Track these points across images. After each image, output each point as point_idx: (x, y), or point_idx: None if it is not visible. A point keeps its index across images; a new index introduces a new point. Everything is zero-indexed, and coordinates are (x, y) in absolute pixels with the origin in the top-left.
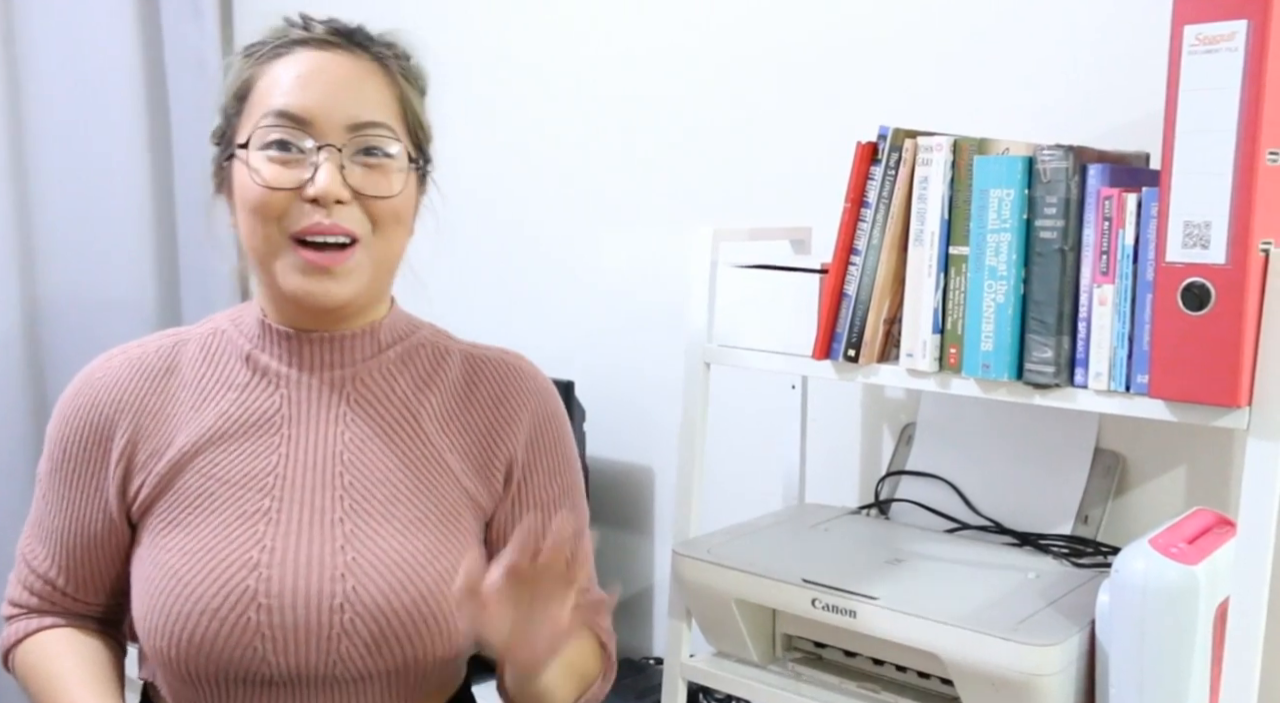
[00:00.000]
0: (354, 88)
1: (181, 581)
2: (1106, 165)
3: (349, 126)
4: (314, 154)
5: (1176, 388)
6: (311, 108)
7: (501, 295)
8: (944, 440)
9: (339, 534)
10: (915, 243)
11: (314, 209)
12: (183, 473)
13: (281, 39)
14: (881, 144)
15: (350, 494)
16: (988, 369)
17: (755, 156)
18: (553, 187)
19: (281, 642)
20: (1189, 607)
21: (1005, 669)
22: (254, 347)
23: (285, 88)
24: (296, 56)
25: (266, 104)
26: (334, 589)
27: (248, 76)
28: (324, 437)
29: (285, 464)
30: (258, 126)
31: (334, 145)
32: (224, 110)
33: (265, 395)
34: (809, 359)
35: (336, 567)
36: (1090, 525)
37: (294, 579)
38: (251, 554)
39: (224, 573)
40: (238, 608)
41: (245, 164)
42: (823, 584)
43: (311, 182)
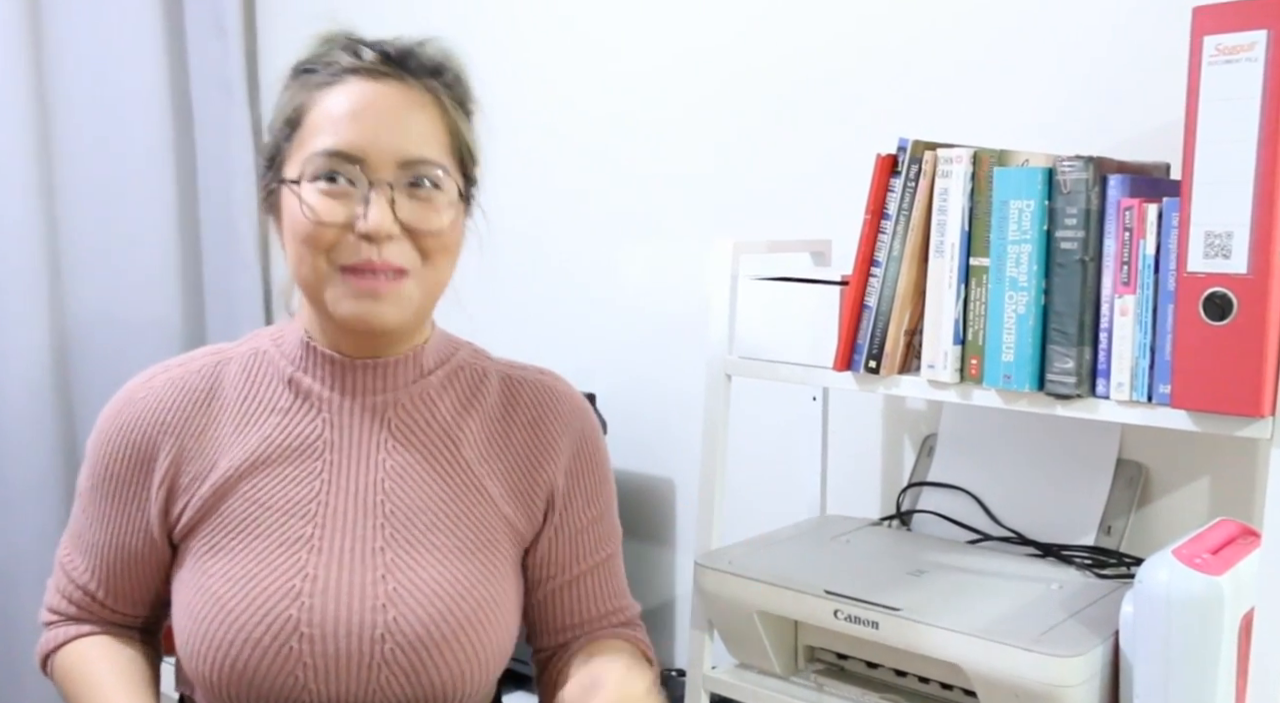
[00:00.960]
0: (405, 122)
1: (224, 607)
2: (1127, 176)
3: (400, 162)
4: (365, 188)
5: (1199, 398)
6: (363, 145)
7: (523, 308)
8: (965, 452)
9: (380, 563)
10: (936, 254)
11: (364, 244)
12: (227, 497)
13: (333, 67)
14: (901, 156)
15: (391, 523)
16: (1009, 380)
17: (775, 169)
18: (573, 200)
19: (322, 671)
20: (1213, 618)
21: (1029, 680)
22: (297, 369)
23: (337, 124)
24: (348, 87)
25: (318, 139)
26: (375, 620)
27: (300, 103)
28: (366, 464)
29: (327, 491)
30: (308, 160)
31: (385, 181)
32: (273, 131)
33: (308, 420)
34: (830, 371)
35: (378, 597)
36: (1113, 536)
37: (336, 609)
38: (294, 583)
39: (266, 601)
40: (280, 637)
41: (296, 195)
42: (845, 595)
43: (363, 217)
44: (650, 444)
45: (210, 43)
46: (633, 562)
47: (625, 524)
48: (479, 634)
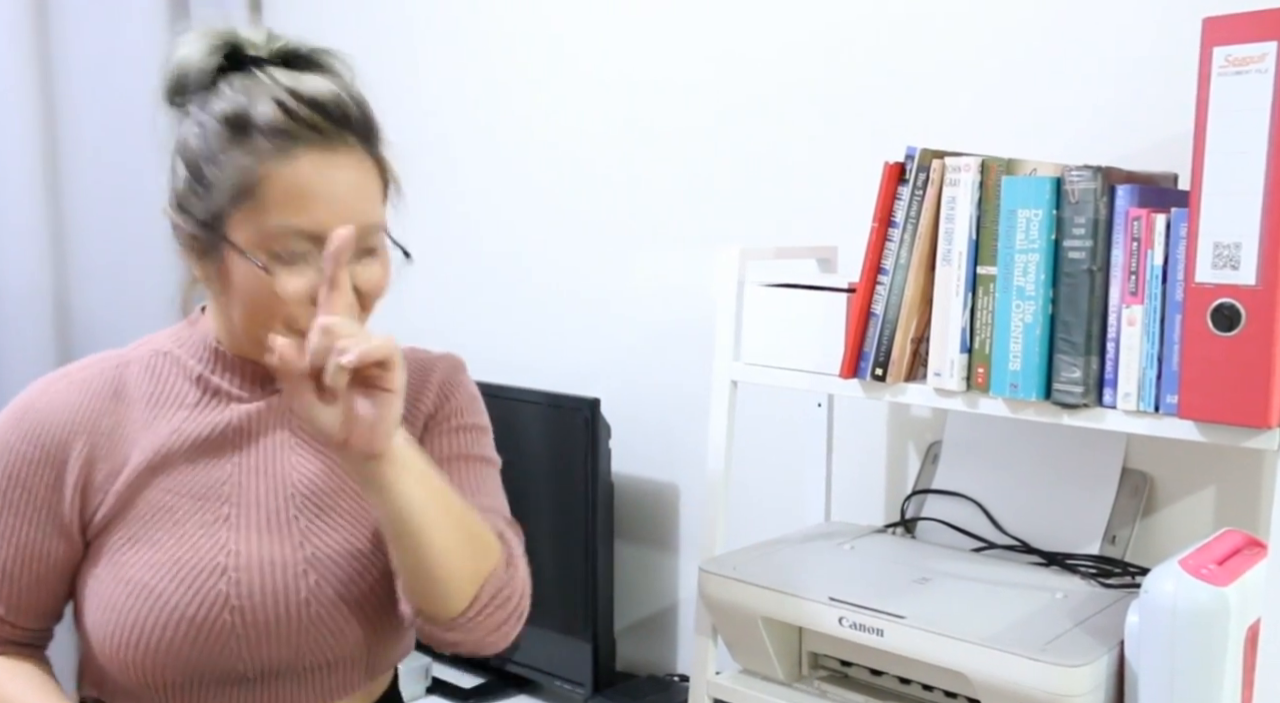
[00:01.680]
0: (359, 193)
1: (153, 593)
2: (1135, 186)
3: (356, 234)
4: (317, 260)
5: (1206, 409)
6: (328, 224)
7: (528, 314)
8: (970, 460)
9: (295, 532)
10: (943, 262)
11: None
12: (142, 490)
13: (281, 134)
14: (909, 164)
15: (300, 493)
16: (1015, 389)
17: (781, 177)
18: (580, 206)
19: (253, 640)
20: (1219, 628)
21: (1034, 690)
22: (204, 369)
23: (299, 204)
24: (301, 162)
25: (280, 216)
26: (299, 585)
27: (253, 172)
28: (273, 445)
29: (239, 473)
30: (271, 236)
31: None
32: (211, 191)
33: (216, 412)
34: (836, 378)
35: (299, 564)
36: (1118, 546)
37: (261, 580)
38: (219, 560)
39: (195, 581)
40: (212, 612)
41: (253, 266)
42: (850, 603)
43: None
44: (654, 450)
45: None
46: (636, 566)
47: (628, 529)
48: (392, 591)
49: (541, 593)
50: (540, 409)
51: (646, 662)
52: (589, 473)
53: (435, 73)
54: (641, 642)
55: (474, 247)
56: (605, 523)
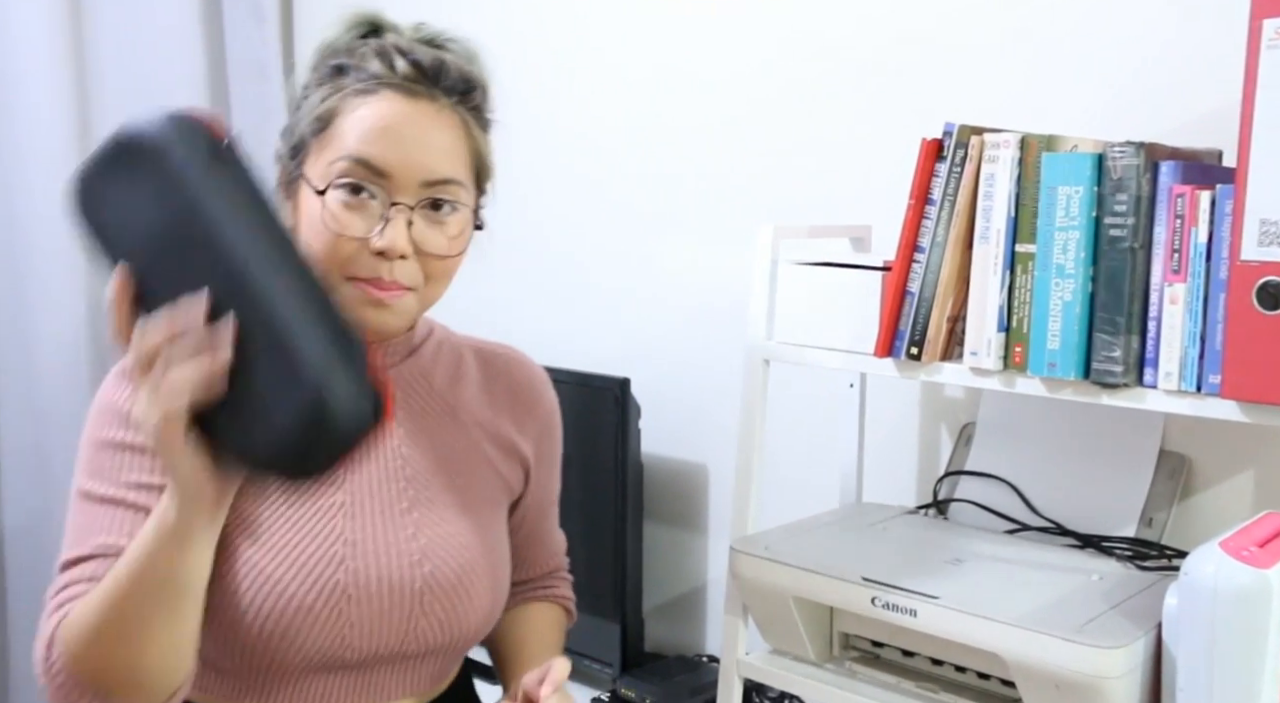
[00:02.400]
0: (433, 142)
1: (272, 579)
2: (1179, 162)
3: (423, 183)
4: (385, 205)
5: (1250, 388)
6: (391, 161)
7: (558, 293)
8: (1003, 441)
9: (409, 522)
10: (980, 240)
11: (377, 260)
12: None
13: (368, 75)
14: (947, 141)
15: (413, 485)
16: (1054, 368)
17: (815, 154)
18: (612, 187)
19: (366, 628)
20: (1261, 611)
21: (1070, 671)
22: None
23: (368, 135)
24: (382, 100)
25: (346, 144)
26: (414, 575)
27: (333, 105)
28: (384, 435)
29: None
30: (333, 163)
31: (406, 201)
32: (300, 121)
33: None
34: (871, 357)
35: (413, 554)
36: (1154, 528)
37: (377, 569)
38: (336, 549)
39: (314, 570)
40: (330, 601)
41: (318, 199)
42: (884, 583)
43: (379, 234)
44: (684, 430)
45: (248, 30)
46: (665, 547)
47: (657, 509)
48: (498, 579)
49: (571, 574)
50: (570, 389)
51: (675, 642)
52: (618, 453)
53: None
54: (670, 622)
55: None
56: (635, 503)
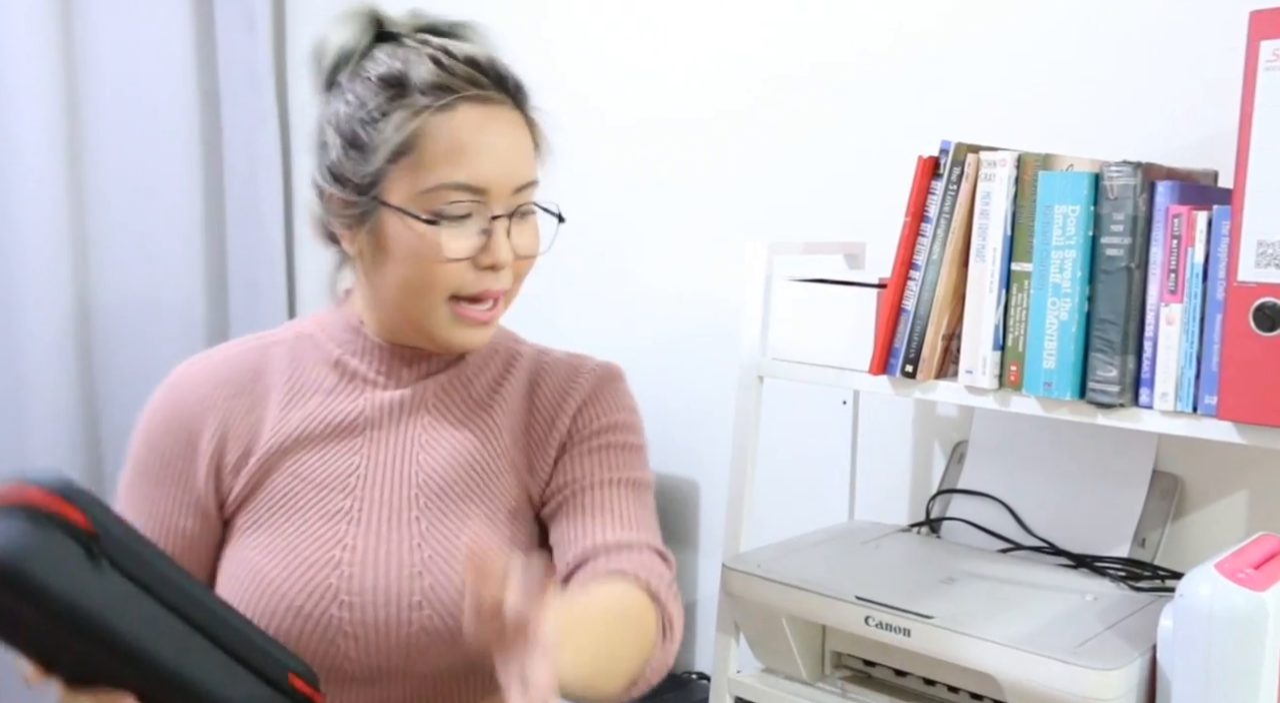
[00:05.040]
0: (515, 147)
1: (266, 578)
2: (1176, 182)
3: (513, 190)
4: (486, 219)
5: (1246, 410)
6: (489, 177)
7: (550, 307)
8: (996, 459)
9: (415, 532)
10: (976, 258)
11: (482, 274)
12: (271, 474)
13: (440, 90)
14: (943, 158)
15: (425, 492)
16: (1050, 387)
17: (809, 171)
18: (606, 199)
19: (362, 639)
20: (1257, 634)
21: (1065, 693)
22: (344, 352)
23: (461, 156)
24: (463, 115)
25: (441, 170)
26: (412, 586)
27: (413, 131)
28: (403, 438)
29: (366, 465)
30: (431, 191)
31: (503, 214)
32: (370, 153)
33: (350, 400)
34: (865, 374)
35: (414, 565)
36: (1147, 549)
37: (374, 577)
38: (334, 553)
39: (308, 571)
40: (321, 604)
41: (411, 228)
42: (877, 602)
43: (486, 250)
44: (675, 446)
45: (240, 37)
46: None
47: None
48: None
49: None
50: None
51: None
52: None
53: None
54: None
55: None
56: None
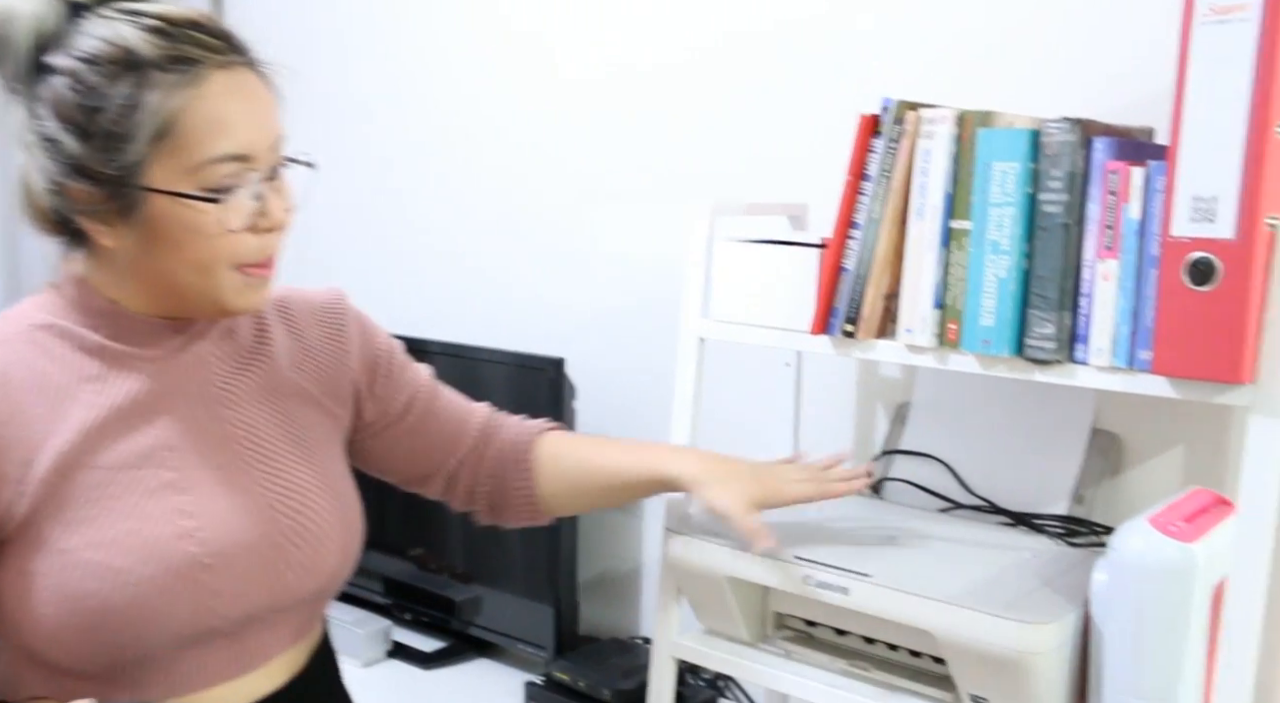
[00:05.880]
0: (266, 107)
1: (112, 570)
2: (1113, 138)
3: (269, 149)
4: (257, 184)
5: (1180, 364)
6: (252, 142)
7: (493, 273)
8: (938, 420)
9: (251, 481)
10: (916, 217)
11: (262, 238)
12: (72, 472)
13: (184, 61)
14: (884, 116)
15: (246, 445)
16: (988, 345)
17: (752, 132)
18: (547, 163)
19: (232, 592)
20: (1186, 586)
21: (999, 647)
22: (104, 336)
23: (226, 127)
24: (213, 85)
25: (207, 147)
26: (269, 529)
27: (168, 113)
28: (200, 403)
29: (171, 437)
30: (201, 169)
31: (268, 175)
32: (118, 142)
33: (127, 380)
34: (806, 334)
35: (263, 509)
36: (1085, 506)
37: (230, 533)
38: (177, 524)
39: (157, 550)
40: (185, 576)
41: (188, 208)
42: (816, 561)
43: (264, 214)
44: (622, 410)
45: None
46: (599, 529)
47: None
48: (346, 517)
49: (504, 556)
50: (505, 369)
51: (610, 625)
52: None
53: (388, 36)
54: (606, 605)
55: (435, 208)
56: None
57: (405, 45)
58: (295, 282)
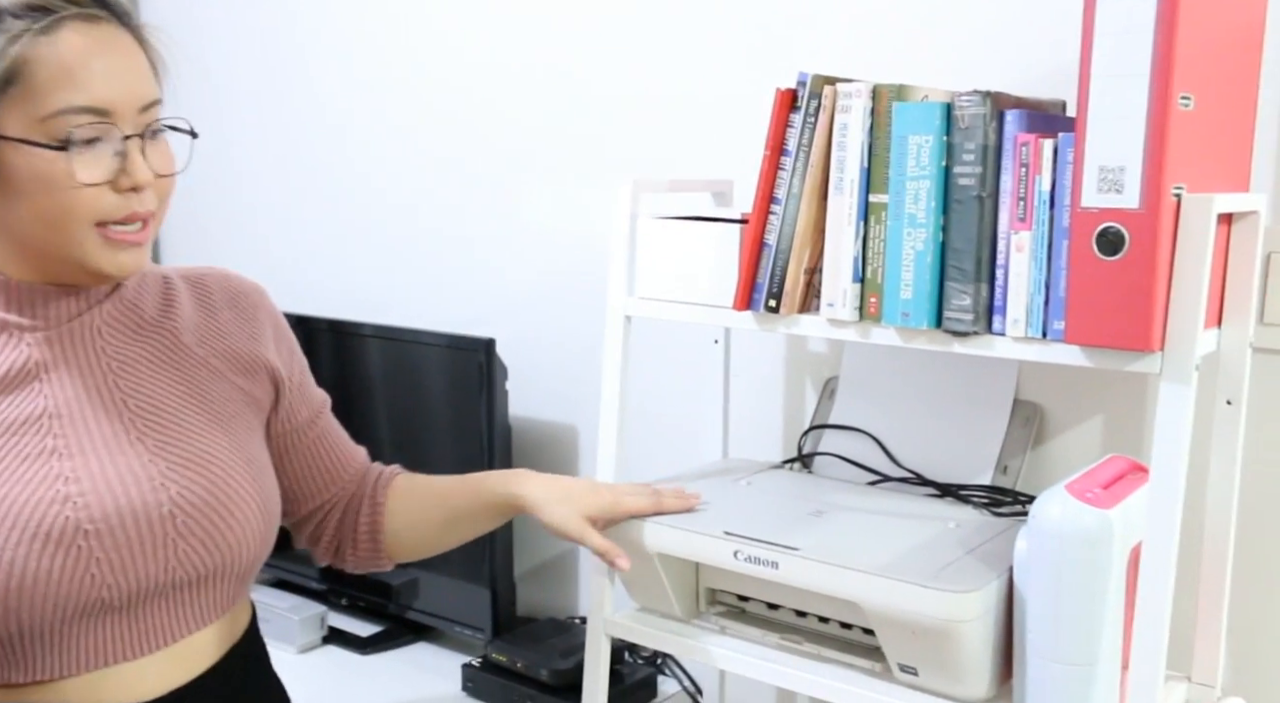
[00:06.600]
0: (131, 67)
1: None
2: (1024, 111)
3: (140, 109)
4: (118, 141)
5: (1091, 333)
6: (109, 97)
7: (421, 255)
8: (866, 394)
9: (143, 450)
10: (835, 191)
11: (125, 197)
12: None
13: (41, 12)
14: (801, 91)
15: (141, 415)
16: (907, 317)
17: (675, 109)
18: (470, 143)
19: (118, 562)
20: (1103, 550)
21: (924, 616)
22: None
23: (76, 77)
24: (70, 35)
25: (59, 95)
26: (159, 498)
27: (16, 57)
28: (89, 372)
29: (56, 405)
30: (50, 118)
31: (135, 134)
32: None
33: (8, 350)
34: (730, 311)
35: (153, 477)
36: (1009, 476)
37: (114, 499)
38: (56, 488)
39: (34, 513)
40: (64, 541)
41: (37, 159)
42: (745, 536)
43: (125, 173)
44: (552, 391)
45: None
46: None
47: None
48: (260, 488)
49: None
50: (435, 351)
51: (548, 605)
52: (486, 415)
53: (311, 15)
54: (542, 586)
55: (365, 190)
56: (503, 466)
57: (325, 26)
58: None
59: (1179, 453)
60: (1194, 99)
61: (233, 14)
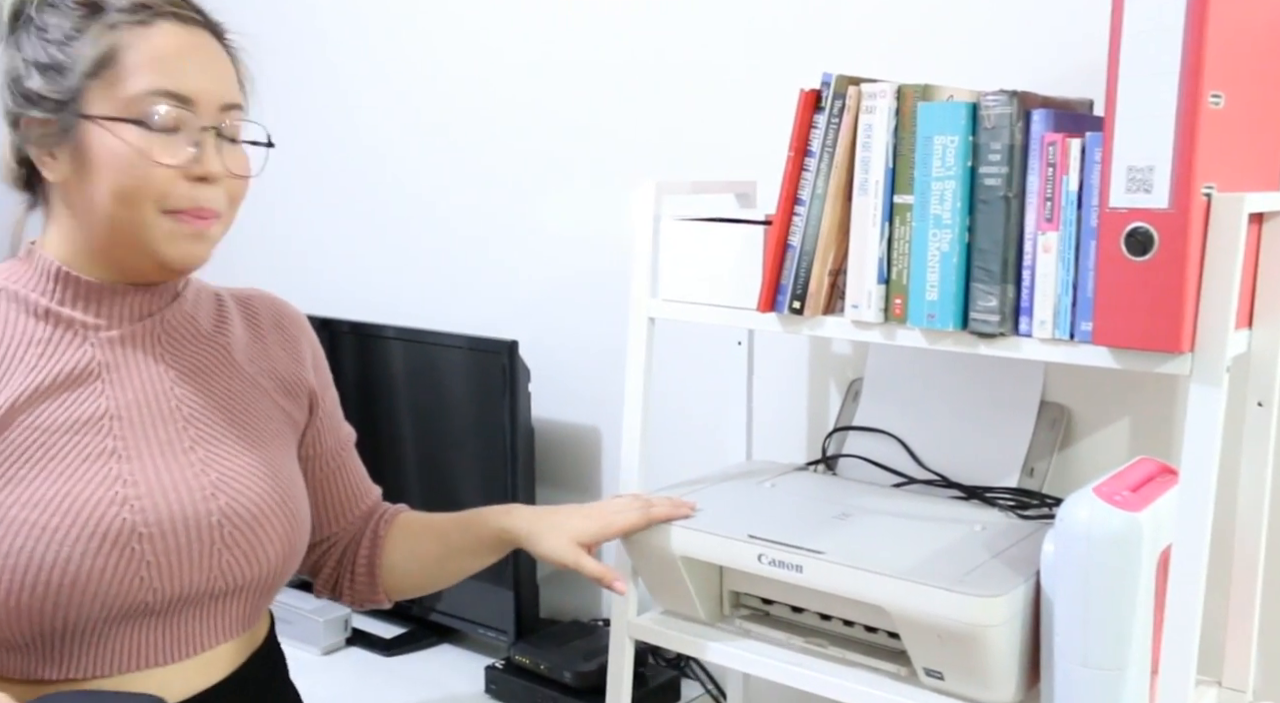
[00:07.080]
0: (222, 69)
1: (46, 529)
2: (1051, 111)
3: (221, 107)
4: (196, 131)
5: (1120, 335)
6: (195, 88)
7: (445, 257)
8: (890, 396)
9: (195, 459)
10: (860, 192)
11: (195, 187)
12: (7, 434)
13: (141, 8)
14: (825, 91)
15: (194, 424)
16: (933, 319)
17: (698, 110)
18: (494, 145)
19: (166, 567)
20: (1132, 554)
21: (950, 620)
22: (52, 302)
23: (165, 65)
24: (166, 30)
25: (145, 79)
26: (210, 507)
27: (112, 44)
28: (149, 377)
29: (116, 406)
30: (136, 100)
31: (214, 127)
32: (66, 71)
33: (74, 348)
34: (754, 312)
35: (205, 488)
36: (1036, 478)
37: (168, 505)
38: (115, 490)
39: (93, 513)
40: (119, 542)
41: (118, 137)
42: (769, 540)
43: (197, 161)
44: (575, 393)
45: None
46: None
47: (550, 474)
48: (298, 507)
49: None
50: (458, 353)
51: (571, 608)
52: (509, 417)
53: (334, 16)
54: (566, 588)
55: (388, 191)
56: (526, 468)
57: (348, 27)
58: (250, 270)
59: (1209, 455)
60: (1224, 97)
61: (256, 13)
